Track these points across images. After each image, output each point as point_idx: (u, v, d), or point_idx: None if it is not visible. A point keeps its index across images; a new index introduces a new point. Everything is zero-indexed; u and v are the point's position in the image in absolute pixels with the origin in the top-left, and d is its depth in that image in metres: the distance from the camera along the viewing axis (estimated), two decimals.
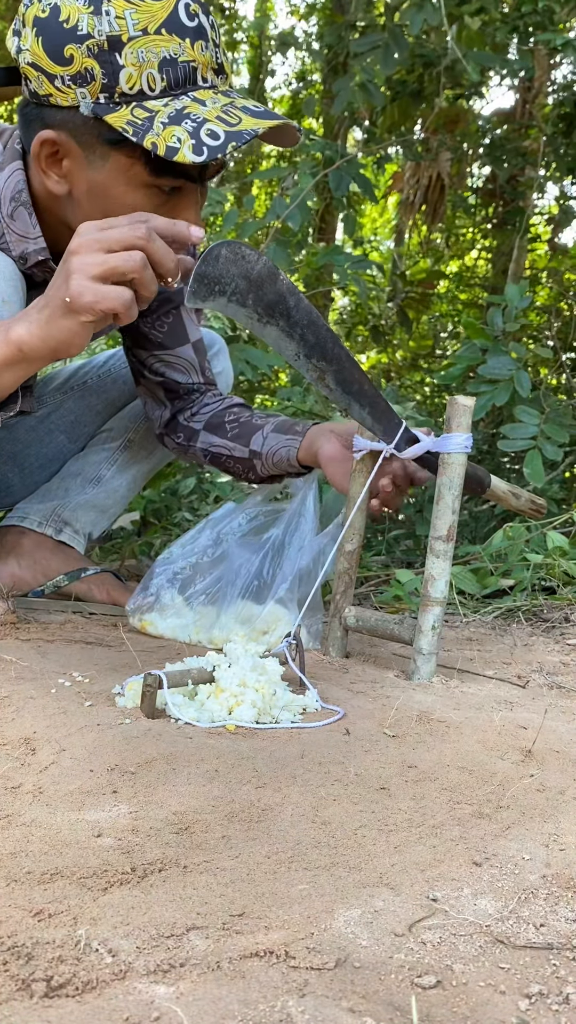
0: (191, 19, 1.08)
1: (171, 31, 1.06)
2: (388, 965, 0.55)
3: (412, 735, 0.94)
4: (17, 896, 0.60)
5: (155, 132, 1.06)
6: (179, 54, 1.07)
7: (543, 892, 0.64)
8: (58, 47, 1.06)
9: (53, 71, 1.08)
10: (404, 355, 6.59)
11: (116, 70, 1.05)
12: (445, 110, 5.10)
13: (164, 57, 1.06)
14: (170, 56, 1.06)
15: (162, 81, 1.07)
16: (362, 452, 1.30)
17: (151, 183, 1.14)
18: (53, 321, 1.03)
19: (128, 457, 1.69)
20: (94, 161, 1.13)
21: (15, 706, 0.96)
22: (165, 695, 0.97)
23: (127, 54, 1.05)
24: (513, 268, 5.68)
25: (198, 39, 1.08)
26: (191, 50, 1.08)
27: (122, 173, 1.13)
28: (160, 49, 1.06)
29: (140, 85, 1.07)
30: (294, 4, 8.05)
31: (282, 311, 1.11)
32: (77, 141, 1.12)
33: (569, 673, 1.29)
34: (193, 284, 1.05)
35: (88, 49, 1.05)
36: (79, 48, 1.05)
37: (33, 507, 1.64)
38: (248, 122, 1.09)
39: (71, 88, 1.07)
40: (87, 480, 1.66)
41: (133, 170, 1.13)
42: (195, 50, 1.08)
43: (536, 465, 2.08)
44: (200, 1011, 0.48)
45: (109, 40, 1.04)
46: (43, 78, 1.08)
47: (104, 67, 1.05)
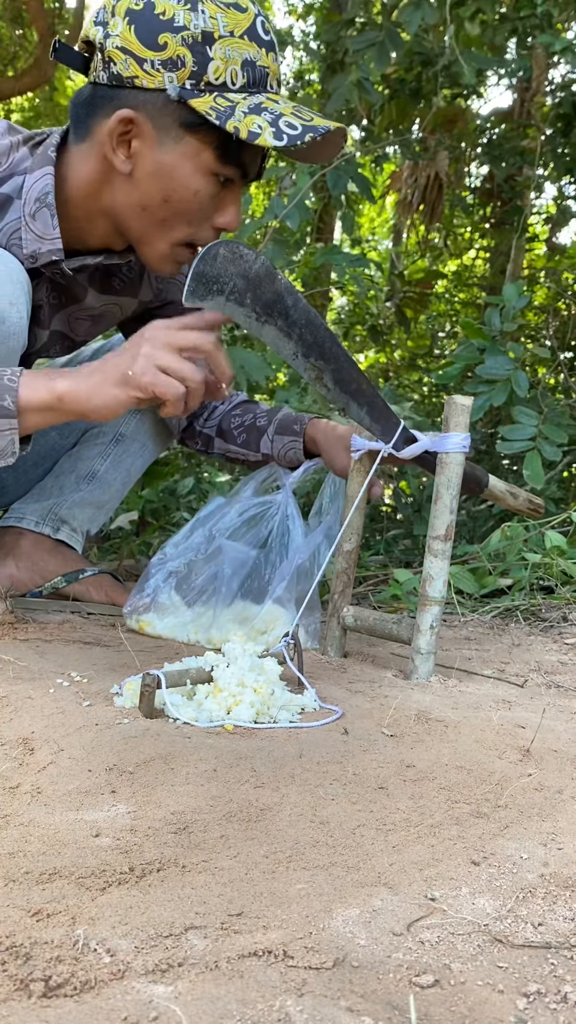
0: (266, 34, 1.20)
1: (252, 39, 1.18)
2: (386, 964, 0.55)
3: (410, 734, 0.95)
4: (15, 896, 0.60)
5: (236, 118, 1.15)
6: (257, 59, 1.18)
7: (541, 891, 0.65)
8: (153, 34, 1.15)
9: (144, 55, 1.15)
10: (402, 355, 6.59)
11: (206, 61, 1.15)
12: (443, 109, 5.10)
13: (246, 58, 1.17)
14: (251, 58, 1.17)
15: (243, 78, 1.17)
16: (360, 452, 1.30)
17: (215, 171, 1.22)
18: (104, 386, 1.13)
19: (121, 451, 1.68)
20: (166, 143, 1.20)
21: (13, 706, 0.96)
22: (163, 695, 0.97)
23: (216, 49, 1.15)
24: (511, 268, 5.68)
25: (271, 51, 1.21)
26: (265, 58, 1.19)
27: (192, 158, 1.21)
28: (244, 51, 1.17)
29: (225, 78, 1.16)
30: (292, 3, 8.05)
31: (280, 310, 1.11)
32: (153, 123, 1.19)
33: (567, 672, 1.29)
34: (191, 283, 1.05)
35: (183, 39, 1.14)
36: (174, 37, 1.14)
37: (29, 507, 1.64)
38: (319, 120, 1.18)
39: (159, 72, 1.16)
40: (81, 477, 1.66)
41: (202, 156, 1.20)
42: (268, 59, 1.20)
43: (536, 467, 2.08)
44: (198, 1011, 0.48)
45: (203, 34, 1.14)
46: (131, 61, 1.16)
47: (196, 56, 1.15)
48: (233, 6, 1.17)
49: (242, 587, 1.39)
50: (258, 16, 1.19)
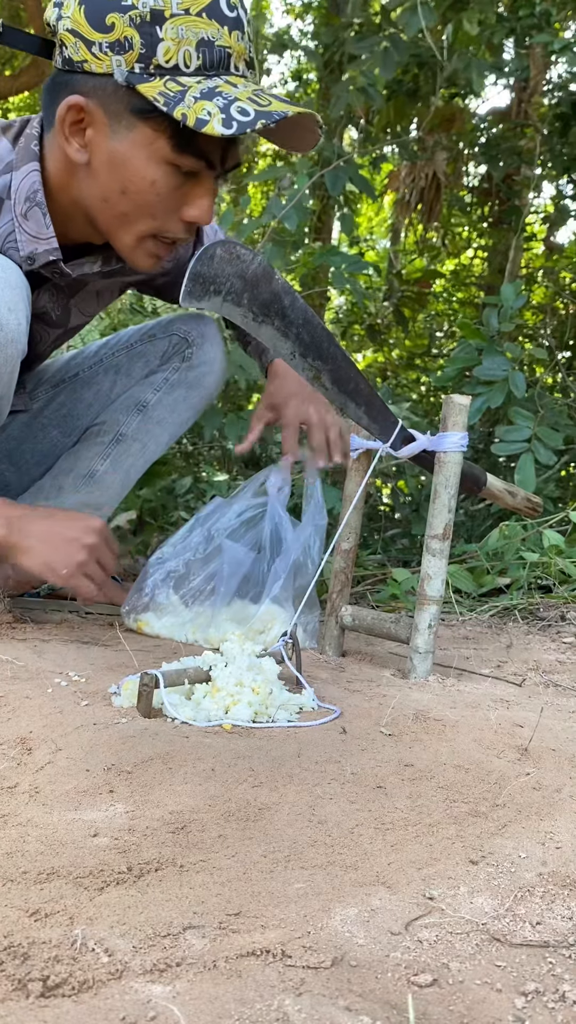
0: (231, 10, 1.11)
1: (211, 16, 1.09)
2: (385, 964, 0.55)
3: (408, 734, 0.95)
4: (13, 896, 0.60)
5: (186, 104, 1.08)
6: (216, 38, 1.10)
7: (539, 890, 0.65)
8: (100, 14, 1.08)
9: (92, 37, 1.09)
10: (400, 354, 6.59)
11: (155, 42, 1.08)
12: (441, 109, 5.10)
13: (202, 38, 1.09)
14: (208, 38, 1.09)
15: (197, 60, 1.10)
16: (358, 451, 1.30)
17: (172, 160, 1.16)
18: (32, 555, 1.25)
19: (121, 451, 1.68)
20: (119, 131, 1.15)
21: (11, 706, 0.96)
22: (162, 694, 0.97)
23: (167, 28, 1.07)
24: (509, 267, 5.68)
25: (235, 29, 1.12)
26: (228, 37, 1.11)
27: (145, 146, 1.15)
28: (199, 30, 1.09)
29: (176, 60, 1.09)
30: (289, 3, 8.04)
31: (277, 310, 1.11)
32: (104, 109, 1.14)
33: (565, 671, 1.30)
34: (188, 284, 1.05)
35: (130, 19, 1.07)
36: (122, 17, 1.07)
37: None
38: (278, 105, 1.11)
39: (107, 55, 1.09)
40: (80, 477, 1.65)
41: (156, 144, 1.14)
42: (232, 38, 1.11)
43: (528, 472, 2.07)
44: (197, 1010, 0.48)
45: (152, 13, 1.07)
46: (80, 44, 1.10)
47: (144, 38, 1.08)
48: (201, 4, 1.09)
49: (240, 587, 1.39)
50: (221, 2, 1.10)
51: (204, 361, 1.70)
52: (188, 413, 1.72)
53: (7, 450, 1.70)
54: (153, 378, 1.70)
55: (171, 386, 1.69)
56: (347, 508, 1.30)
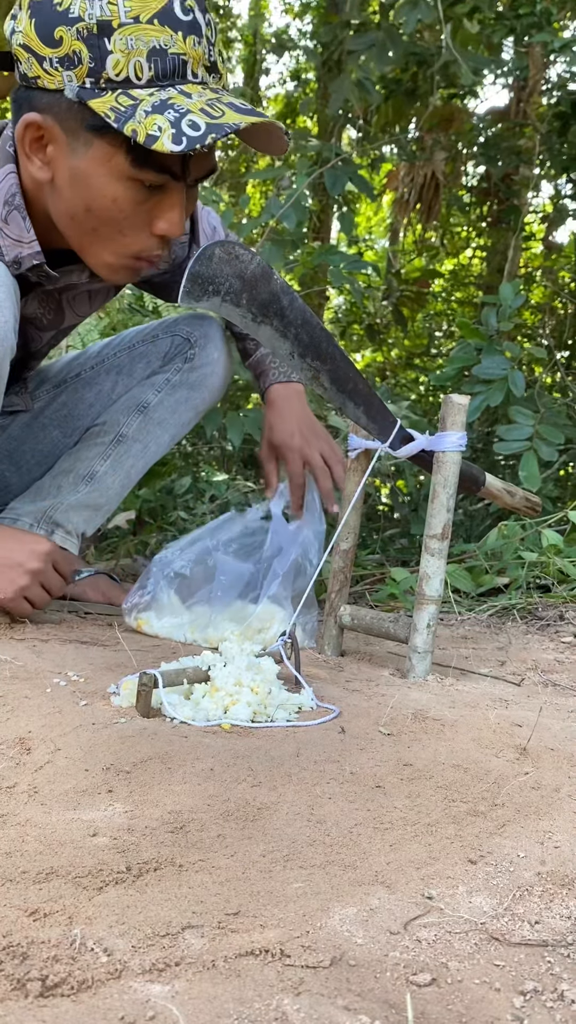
0: (185, 13, 1.07)
1: (164, 23, 1.05)
2: (383, 963, 0.55)
3: (407, 733, 0.95)
4: (12, 896, 0.60)
5: (137, 120, 1.05)
6: (169, 45, 1.06)
7: (538, 889, 0.65)
8: (49, 28, 1.05)
9: (43, 53, 1.07)
10: (399, 354, 6.59)
11: (103, 55, 1.04)
12: (439, 109, 5.10)
13: (153, 47, 1.05)
14: (160, 46, 1.05)
15: (149, 71, 1.06)
16: (357, 451, 1.30)
17: (132, 176, 1.13)
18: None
19: (122, 451, 1.67)
20: (77, 148, 1.12)
21: (10, 706, 0.96)
22: (160, 694, 0.97)
23: (116, 40, 1.04)
24: (508, 267, 5.68)
25: (191, 34, 1.07)
26: (182, 43, 1.07)
27: (104, 163, 1.12)
28: (150, 39, 1.04)
29: (127, 72, 1.05)
30: (288, 2, 8.04)
31: (276, 311, 1.11)
32: (61, 126, 1.11)
33: (564, 671, 1.30)
34: (187, 284, 1.05)
35: (78, 32, 1.04)
36: (69, 31, 1.04)
37: (25, 508, 1.63)
38: (231, 116, 1.07)
39: (58, 71, 1.06)
40: (80, 477, 1.65)
41: (114, 160, 1.11)
42: (187, 44, 1.07)
43: (532, 468, 2.08)
44: (195, 1010, 0.48)
45: (99, 24, 1.03)
46: (33, 60, 1.08)
47: (92, 51, 1.04)
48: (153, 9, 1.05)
49: (240, 593, 1.40)
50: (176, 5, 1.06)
51: (207, 362, 1.69)
52: (190, 414, 1.71)
53: (8, 450, 1.70)
54: (155, 379, 1.69)
55: (173, 387, 1.68)
56: (346, 508, 1.30)
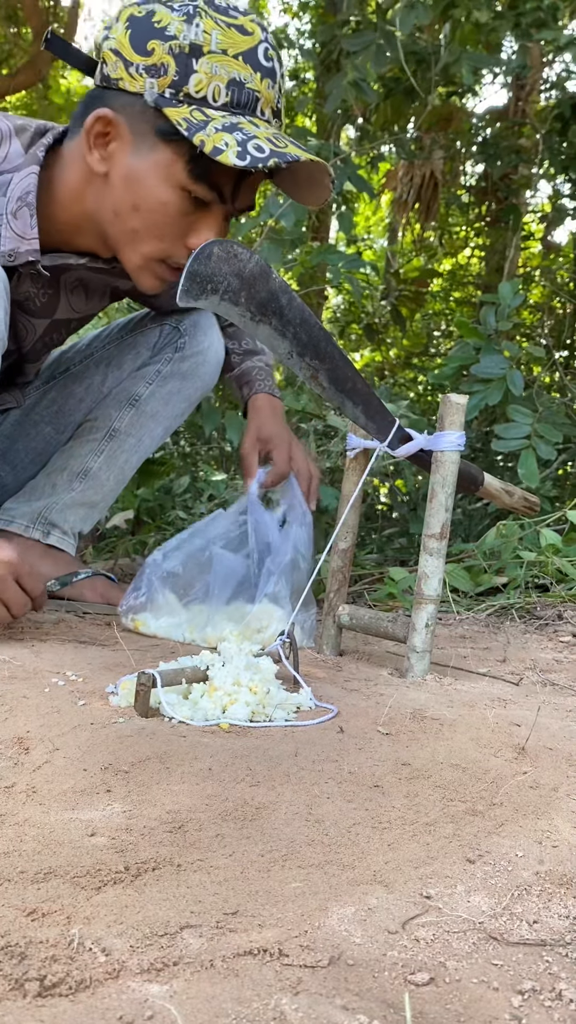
0: (267, 60, 1.19)
1: (247, 61, 1.17)
2: (382, 962, 0.55)
3: (406, 733, 0.95)
4: (10, 895, 0.60)
5: (207, 133, 1.14)
6: (247, 81, 1.17)
7: (536, 889, 0.65)
8: (143, 39, 1.16)
9: (131, 59, 1.17)
10: (398, 353, 6.59)
11: (188, 72, 1.15)
12: (438, 108, 5.10)
13: (234, 78, 1.16)
14: (239, 79, 1.17)
15: (226, 96, 1.17)
16: (355, 450, 1.30)
17: (185, 186, 1.21)
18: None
19: (115, 447, 1.65)
20: (141, 149, 1.21)
21: (8, 705, 0.96)
22: (159, 694, 0.97)
23: (203, 63, 1.15)
24: (506, 266, 5.68)
25: (267, 77, 1.19)
26: (259, 83, 1.18)
27: (163, 168, 1.21)
28: (232, 70, 1.16)
29: (206, 92, 1.16)
30: (287, 2, 8.04)
31: (274, 309, 1.11)
32: (130, 126, 1.20)
33: (562, 670, 1.30)
34: (185, 283, 1.05)
35: (170, 48, 1.15)
36: (162, 44, 1.15)
37: (19, 509, 1.61)
38: (293, 149, 1.17)
39: (142, 76, 1.17)
40: (74, 474, 1.63)
41: (173, 168, 1.20)
42: (262, 85, 1.19)
43: (531, 465, 2.08)
44: (194, 1009, 0.48)
45: (191, 46, 1.15)
46: (120, 63, 1.18)
47: (179, 66, 1.15)
48: (237, 28, 1.17)
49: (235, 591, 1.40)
50: (263, 42, 1.19)
51: (197, 351, 1.67)
52: (183, 405, 1.70)
53: (1, 450, 1.69)
54: (145, 370, 1.67)
55: (164, 378, 1.67)
56: (344, 507, 1.30)
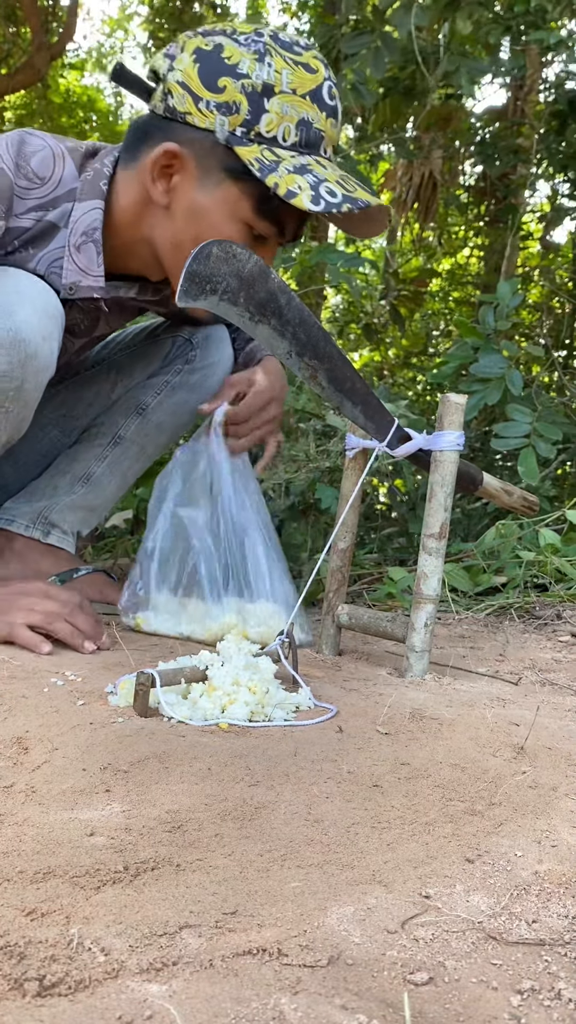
0: (331, 99, 1.21)
1: (314, 101, 1.19)
2: (381, 962, 0.55)
3: (405, 732, 0.95)
4: (9, 895, 0.60)
5: (279, 174, 1.16)
6: (315, 121, 1.19)
7: (535, 888, 0.65)
8: (214, 76, 1.17)
9: (201, 94, 1.17)
10: (397, 353, 6.59)
11: (260, 112, 1.16)
12: (437, 108, 5.10)
13: (303, 118, 1.18)
14: (308, 119, 1.19)
15: (295, 136, 1.18)
16: (355, 450, 1.30)
17: (249, 222, 1.23)
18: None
19: (119, 453, 1.66)
20: (206, 184, 1.22)
21: (7, 705, 0.96)
22: (158, 693, 0.97)
23: (274, 102, 1.16)
24: (505, 266, 5.68)
25: (331, 116, 1.22)
26: (324, 122, 1.20)
27: (228, 204, 1.22)
28: (302, 110, 1.18)
29: (276, 132, 1.18)
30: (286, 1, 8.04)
31: (273, 309, 1.11)
32: (197, 161, 1.21)
33: (561, 670, 1.30)
34: (184, 283, 1.05)
35: (242, 86, 1.16)
36: (235, 83, 1.16)
37: (20, 509, 1.62)
38: (362, 194, 1.18)
39: (213, 113, 1.17)
40: (76, 478, 1.64)
41: (239, 204, 1.22)
42: (327, 124, 1.21)
43: (530, 463, 2.08)
44: (193, 1009, 0.48)
45: (264, 85, 1.16)
46: (188, 97, 1.18)
47: (251, 105, 1.16)
48: (303, 65, 1.18)
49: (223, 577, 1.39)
50: (327, 80, 1.20)
51: (207, 364, 1.68)
52: (188, 416, 1.71)
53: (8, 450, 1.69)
54: (154, 380, 1.68)
55: (172, 389, 1.67)
56: (343, 507, 1.30)
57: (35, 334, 1.19)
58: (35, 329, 1.19)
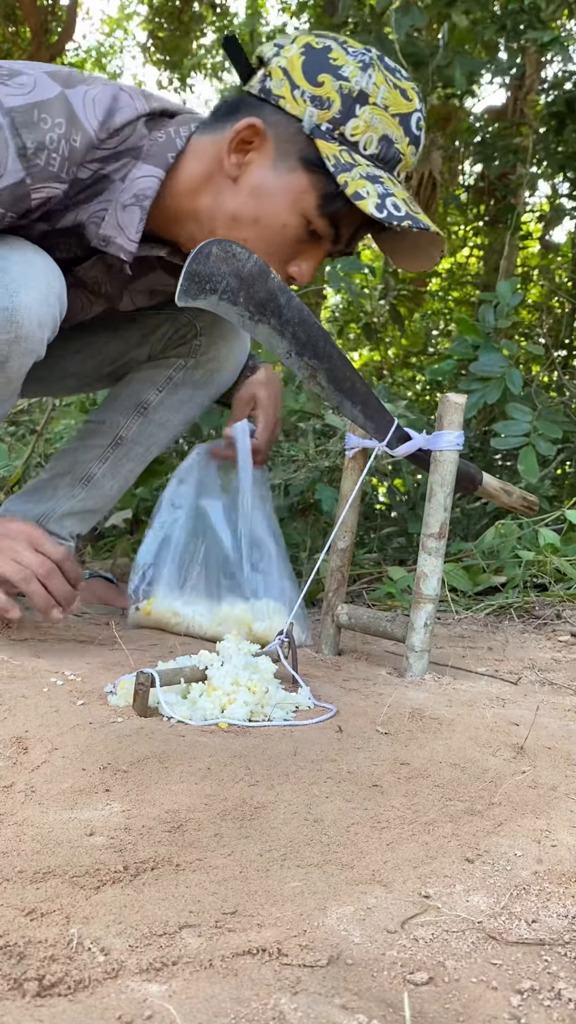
0: (417, 129, 1.24)
1: (402, 124, 1.22)
2: (381, 962, 0.55)
3: (404, 732, 0.95)
4: (9, 895, 0.60)
5: (351, 175, 1.19)
6: (398, 142, 1.23)
7: (535, 888, 0.65)
8: (316, 70, 1.20)
9: (298, 83, 1.21)
10: (396, 353, 6.59)
11: (350, 115, 1.20)
12: (436, 108, 5.10)
13: (387, 134, 1.21)
14: (392, 137, 1.22)
15: (376, 148, 1.22)
16: (354, 449, 1.30)
17: (309, 216, 1.24)
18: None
19: (120, 455, 1.64)
20: (279, 167, 1.24)
21: (7, 705, 0.96)
22: (158, 693, 0.97)
23: (364, 111, 1.20)
24: (505, 265, 5.68)
25: (413, 144, 1.25)
26: (405, 147, 1.24)
27: (294, 192, 1.24)
28: (388, 128, 1.21)
29: (360, 139, 1.20)
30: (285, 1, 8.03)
31: (273, 309, 1.11)
32: (275, 143, 1.23)
33: (561, 670, 1.30)
34: (184, 282, 1.05)
35: (340, 87, 1.19)
36: (334, 82, 1.19)
37: (18, 514, 1.61)
38: (424, 217, 1.21)
39: (305, 103, 1.20)
40: (77, 479, 1.63)
41: (304, 195, 1.23)
42: (408, 150, 1.24)
43: (530, 461, 2.08)
44: (193, 1009, 0.48)
45: (360, 92, 1.19)
46: (286, 83, 1.22)
47: (343, 107, 1.19)
48: (401, 90, 1.22)
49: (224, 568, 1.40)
50: (418, 112, 1.24)
51: (214, 357, 1.64)
52: (193, 412, 1.68)
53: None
54: (155, 374, 1.65)
55: (175, 386, 1.64)
56: (343, 507, 1.30)
57: (32, 319, 1.20)
58: (33, 315, 1.20)
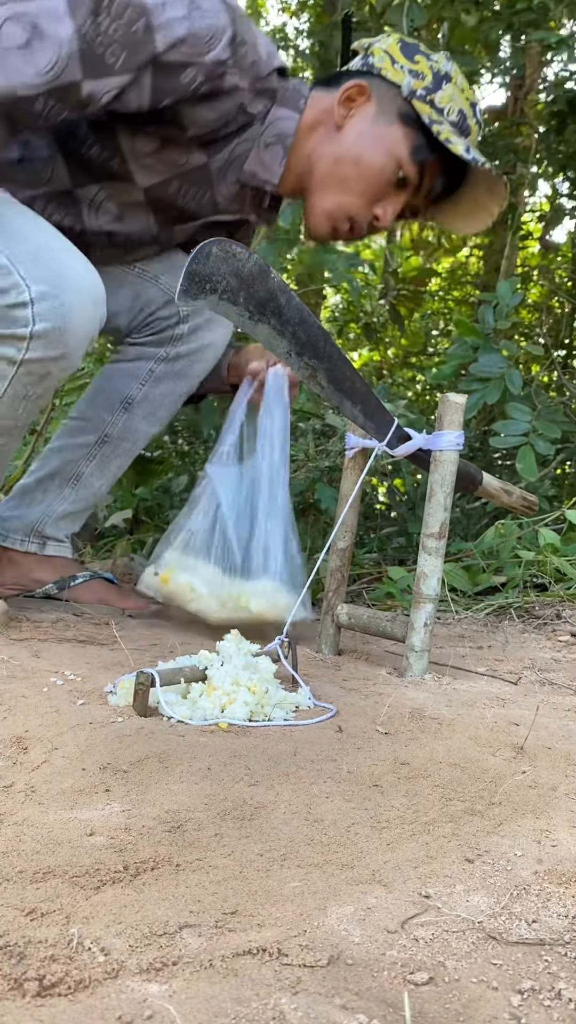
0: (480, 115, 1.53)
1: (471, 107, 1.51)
2: (381, 962, 0.55)
3: (404, 732, 0.95)
4: (9, 895, 0.60)
5: (443, 127, 1.45)
6: (468, 118, 1.50)
7: (535, 888, 0.65)
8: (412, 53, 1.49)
9: (397, 59, 1.48)
10: (396, 352, 6.58)
11: (439, 87, 1.47)
12: None
13: (462, 110, 1.48)
14: (465, 114, 1.49)
15: (455, 116, 1.48)
16: (354, 449, 1.30)
17: (401, 162, 1.46)
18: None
19: (107, 452, 1.66)
20: (379, 121, 1.47)
21: (7, 705, 0.96)
22: (157, 693, 0.97)
23: (448, 87, 1.47)
24: (505, 265, 5.68)
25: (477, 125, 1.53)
26: (472, 125, 1.51)
27: (390, 140, 1.46)
28: (464, 106, 1.48)
29: (444, 106, 1.47)
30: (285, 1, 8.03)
31: (273, 309, 1.11)
32: (377, 102, 1.47)
33: (561, 670, 1.30)
34: (184, 282, 1.05)
35: (431, 66, 1.47)
36: (427, 62, 1.47)
37: (13, 521, 1.63)
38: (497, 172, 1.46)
39: (404, 73, 1.47)
40: (66, 480, 1.64)
41: (399, 144, 1.46)
42: (474, 128, 1.52)
43: (529, 460, 2.08)
44: (193, 1009, 0.48)
45: (447, 74, 1.47)
46: (387, 58, 1.49)
47: (434, 80, 1.47)
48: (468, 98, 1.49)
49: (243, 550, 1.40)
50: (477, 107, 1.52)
51: (197, 347, 1.64)
52: (176, 405, 1.69)
53: None
54: (136, 366, 1.65)
55: (157, 379, 1.65)
56: (343, 506, 1.30)
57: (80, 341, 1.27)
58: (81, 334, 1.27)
